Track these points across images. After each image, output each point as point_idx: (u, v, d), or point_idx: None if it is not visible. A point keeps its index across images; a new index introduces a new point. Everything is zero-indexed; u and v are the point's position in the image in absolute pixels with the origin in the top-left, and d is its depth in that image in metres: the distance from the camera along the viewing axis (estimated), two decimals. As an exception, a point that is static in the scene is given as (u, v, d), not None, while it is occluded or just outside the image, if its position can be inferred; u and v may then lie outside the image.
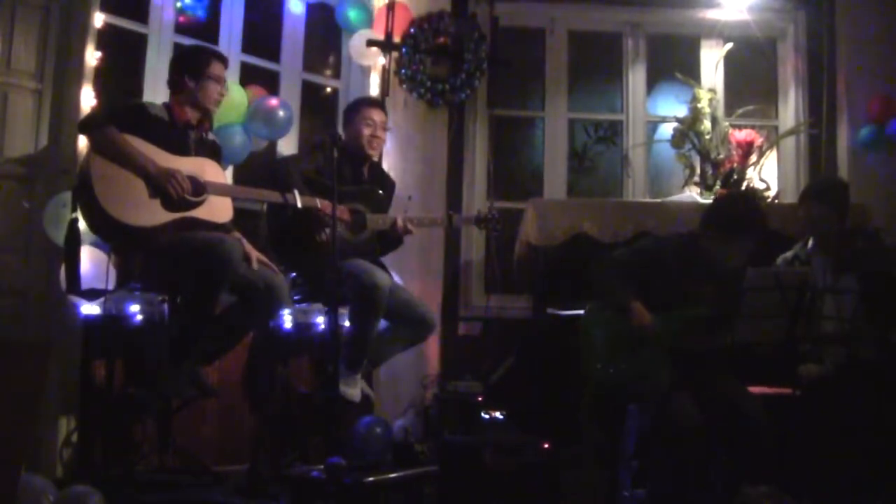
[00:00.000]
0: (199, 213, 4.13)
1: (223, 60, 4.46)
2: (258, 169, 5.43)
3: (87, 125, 4.11)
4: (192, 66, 4.34)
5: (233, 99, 5.11)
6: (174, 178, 4.01)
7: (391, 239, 4.92)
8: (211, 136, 4.51)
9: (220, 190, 4.25)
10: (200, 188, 4.13)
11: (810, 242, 4.61)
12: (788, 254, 4.66)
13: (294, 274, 4.76)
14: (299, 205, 4.43)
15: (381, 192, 5.02)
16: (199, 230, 4.11)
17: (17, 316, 4.38)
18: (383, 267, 4.84)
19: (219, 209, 4.22)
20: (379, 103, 5.18)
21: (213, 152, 4.46)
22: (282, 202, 4.42)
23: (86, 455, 4.35)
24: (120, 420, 4.46)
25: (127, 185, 3.94)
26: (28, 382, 3.45)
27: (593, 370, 4.26)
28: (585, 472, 4.42)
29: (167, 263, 4.06)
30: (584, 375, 4.31)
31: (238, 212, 4.43)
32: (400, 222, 4.84)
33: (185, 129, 4.30)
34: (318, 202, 4.49)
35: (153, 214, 3.98)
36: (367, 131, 4.91)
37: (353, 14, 6.17)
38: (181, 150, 4.21)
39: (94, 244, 4.28)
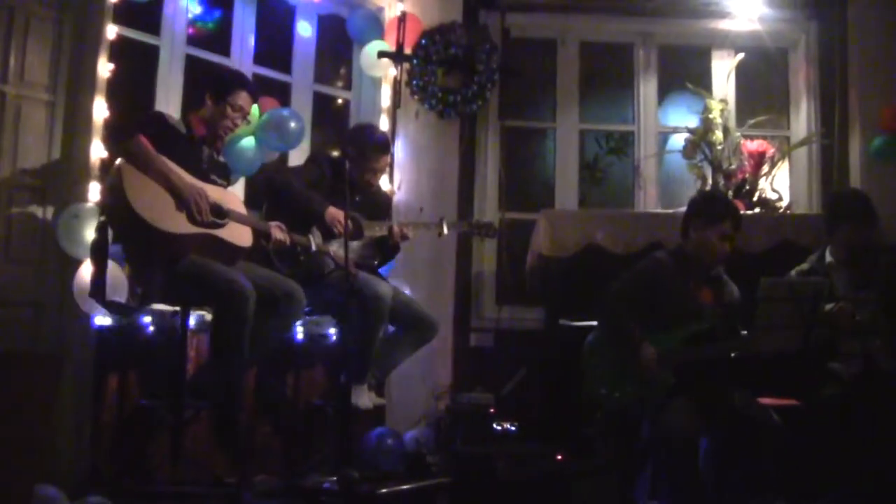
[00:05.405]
0: (222, 233, 4.15)
1: (253, 93, 4.46)
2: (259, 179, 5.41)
3: (124, 133, 4.04)
4: (217, 87, 4.36)
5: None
6: (199, 195, 4.02)
7: (389, 247, 4.97)
8: (221, 159, 4.55)
9: (241, 219, 4.29)
10: (223, 213, 4.16)
11: (827, 255, 4.58)
12: (804, 266, 4.62)
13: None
14: (313, 248, 4.57)
15: (377, 201, 5.18)
16: (220, 250, 4.13)
17: (32, 327, 4.38)
18: (381, 277, 4.90)
19: (239, 234, 4.26)
20: (388, 147, 5.24)
21: (224, 173, 4.49)
22: (300, 244, 4.53)
23: (99, 466, 4.35)
24: (133, 431, 4.47)
25: (157, 194, 3.96)
26: (42, 393, 3.46)
27: (599, 396, 4.30)
28: (598, 482, 4.40)
29: (187, 288, 4.08)
30: (590, 400, 4.35)
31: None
32: (396, 227, 4.90)
33: (199, 143, 4.32)
34: (332, 249, 4.65)
35: (179, 224, 4.00)
36: (372, 177, 5.02)
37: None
38: (195, 164, 4.22)
39: (113, 257, 4.26)
